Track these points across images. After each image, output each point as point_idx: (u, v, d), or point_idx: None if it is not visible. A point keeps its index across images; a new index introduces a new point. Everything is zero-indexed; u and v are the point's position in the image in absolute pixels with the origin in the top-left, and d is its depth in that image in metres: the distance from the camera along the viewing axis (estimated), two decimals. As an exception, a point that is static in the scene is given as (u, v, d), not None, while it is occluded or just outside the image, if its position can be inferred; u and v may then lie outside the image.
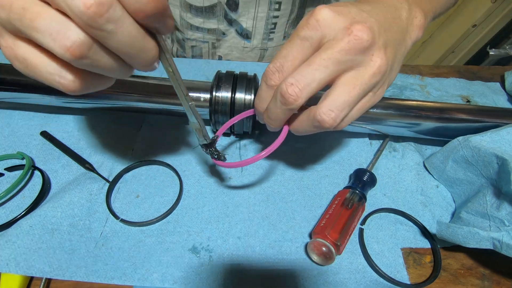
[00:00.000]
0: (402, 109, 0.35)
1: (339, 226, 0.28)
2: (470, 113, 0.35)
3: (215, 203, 0.32)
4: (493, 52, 0.56)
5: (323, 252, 0.28)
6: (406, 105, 0.35)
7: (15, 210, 0.30)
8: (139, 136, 0.38)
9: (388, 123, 0.36)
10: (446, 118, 0.35)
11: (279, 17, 0.47)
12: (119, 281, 0.27)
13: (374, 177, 0.34)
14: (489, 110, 0.36)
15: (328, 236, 0.27)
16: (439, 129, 0.36)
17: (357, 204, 0.31)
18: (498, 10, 0.98)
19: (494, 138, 0.31)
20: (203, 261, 0.28)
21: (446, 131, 0.36)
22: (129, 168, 0.34)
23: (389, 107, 0.35)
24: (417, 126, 0.35)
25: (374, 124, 0.36)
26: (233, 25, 0.49)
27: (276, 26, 0.48)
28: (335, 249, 0.27)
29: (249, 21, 0.48)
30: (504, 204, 0.27)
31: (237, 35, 0.50)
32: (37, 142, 0.36)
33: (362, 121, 0.36)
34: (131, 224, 0.30)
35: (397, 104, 0.35)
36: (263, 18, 0.47)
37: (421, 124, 0.35)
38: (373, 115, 0.35)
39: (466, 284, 0.29)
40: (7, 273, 0.26)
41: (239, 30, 0.49)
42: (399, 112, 0.35)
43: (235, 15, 0.47)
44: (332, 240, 0.27)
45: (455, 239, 0.28)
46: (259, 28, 0.48)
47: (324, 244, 0.27)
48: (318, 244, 0.28)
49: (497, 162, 0.29)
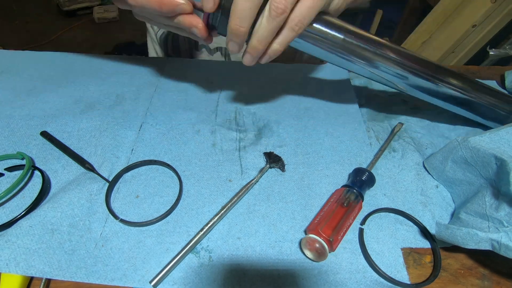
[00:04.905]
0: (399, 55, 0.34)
1: (333, 223, 0.29)
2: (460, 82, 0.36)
3: (215, 203, 0.32)
4: (493, 52, 0.56)
5: (316, 248, 0.28)
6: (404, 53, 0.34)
7: (15, 210, 0.30)
8: (139, 136, 0.38)
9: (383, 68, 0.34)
10: (434, 77, 0.35)
11: None
12: (120, 282, 0.27)
13: (372, 176, 0.34)
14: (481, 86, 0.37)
15: (321, 232, 0.28)
16: (430, 90, 0.36)
17: (353, 203, 0.31)
18: (498, 10, 0.98)
19: (493, 138, 0.31)
20: (203, 261, 0.29)
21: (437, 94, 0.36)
22: (129, 168, 0.34)
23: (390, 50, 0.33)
24: (406, 79, 0.35)
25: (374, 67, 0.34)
26: None
27: None
28: (328, 246, 0.27)
29: None
30: (503, 204, 0.27)
31: None
32: (37, 142, 0.36)
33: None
34: (131, 224, 0.30)
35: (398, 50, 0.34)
36: None
37: (408, 78, 0.35)
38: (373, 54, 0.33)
39: (466, 284, 0.29)
40: (7, 273, 0.26)
41: None
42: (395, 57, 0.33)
43: None
44: (325, 237, 0.27)
45: (454, 240, 0.28)
46: None
47: (317, 240, 0.27)
48: (311, 240, 0.28)
49: (496, 163, 0.29)
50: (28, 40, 1.98)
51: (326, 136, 0.40)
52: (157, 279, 0.26)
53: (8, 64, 0.45)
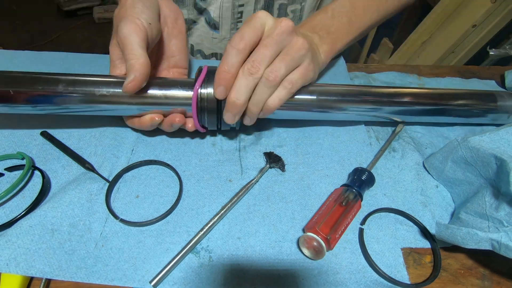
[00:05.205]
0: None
1: (331, 221, 0.29)
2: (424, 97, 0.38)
3: (215, 203, 0.32)
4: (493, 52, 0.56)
5: (313, 246, 0.28)
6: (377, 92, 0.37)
7: (15, 210, 0.30)
8: (139, 136, 0.38)
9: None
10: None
11: (245, 5, 0.49)
12: (120, 282, 0.27)
13: (371, 176, 0.34)
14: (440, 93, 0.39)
15: (319, 230, 0.28)
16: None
17: (352, 202, 0.31)
18: (498, 10, 0.98)
19: (493, 138, 0.31)
20: (203, 261, 0.29)
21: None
22: (128, 168, 0.34)
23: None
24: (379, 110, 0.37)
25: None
26: (203, 14, 0.50)
27: (242, 15, 0.50)
28: (325, 244, 0.27)
29: (216, 11, 0.49)
30: (503, 204, 0.27)
31: (206, 25, 0.51)
32: (37, 142, 0.36)
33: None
34: (131, 224, 0.30)
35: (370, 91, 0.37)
36: (228, 8, 0.48)
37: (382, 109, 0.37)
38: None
39: (466, 284, 0.29)
40: (7, 273, 0.26)
41: (207, 19, 0.50)
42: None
43: (204, 3, 0.48)
44: (323, 235, 0.27)
45: (454, 240, 0.28)
46: (226, 18, 0.49)
47: (314, 239, 0.28)
48: (308, 238, 0.28)
49: (496, 163, 0.29)
50: (28, 40, 1.98)
51: (326, 136, 0.40)
52: (157, 279, 0.26)
53: (8, 64, 0.45)
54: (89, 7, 2.20)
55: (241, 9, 0.49)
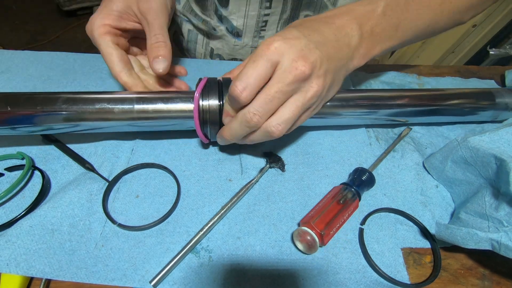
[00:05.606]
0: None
1: (327, 218, 0.29)
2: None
3: (215, 203, 0.32)
4: (493, 52, 0.56)
5: (306, 240, 0.28)
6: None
7: (15, 210, 0.30)
8: (139, 136, 0.38)
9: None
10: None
11: (270, 15, 0.47)
12: (120, 283, 0.27)
13: (372, 177, 0.34)
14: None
15: (314, 225, 0.28)
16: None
17: (349, 201, 0.31)
18: (498, 10, 0.98)
19: (493, 138, 0.31)
20: (203, 261, 0.29)
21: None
22: (126, 171, 0.34)
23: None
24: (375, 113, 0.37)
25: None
26: (224, 23, 0.49)
27: (267, 24, 0.49)
28: (319, 239, 0.28)
29: (239, 20, 0.48)
30: (503, 204, 0.27)
31: (228, 33, 0.51)
32: (37, 142, 0.36)
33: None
34: (128, 228, 0.30)
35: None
36: (254, 16, 0.47)
37: (378, 112, 0.37)
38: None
39: (466, 284, 0.29)
40: (7, 273, 0.26)
41: (229, 28, 0.50)
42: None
43: (225, 11, 0.47)
44: (317, 230, 0.28)
45: (454, 240, 0.28)
46: (250, 26, 0.49)
47: (308, 233, 0.28)
48: (303, 232, 0.28)
49: (496, 163, 0.29)
50: (28, 40, 1.98)
51: (326, 136, 0.40)
52: (157, 279, 0.26)
53: (8, 64, 0.45)
54: (89, 7, 2.20)
55: (266, 18, 0.47)
